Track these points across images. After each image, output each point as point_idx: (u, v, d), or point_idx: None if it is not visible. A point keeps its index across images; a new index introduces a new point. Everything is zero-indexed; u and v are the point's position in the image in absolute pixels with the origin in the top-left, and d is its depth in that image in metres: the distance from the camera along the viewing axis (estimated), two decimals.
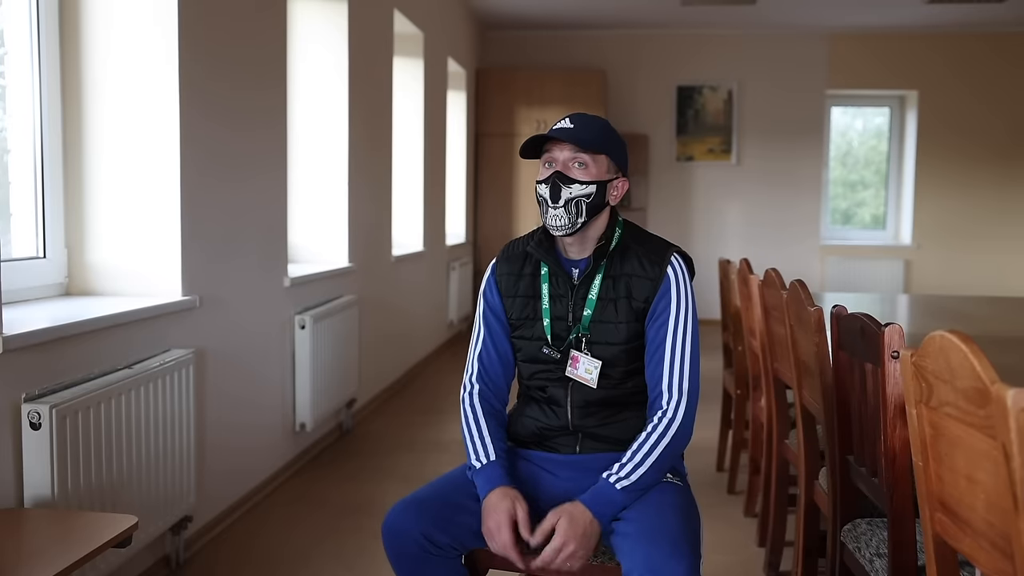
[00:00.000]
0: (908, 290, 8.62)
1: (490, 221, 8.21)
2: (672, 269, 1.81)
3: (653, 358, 1.79)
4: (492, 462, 1.79)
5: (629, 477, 1.70)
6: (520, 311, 1.89)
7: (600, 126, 1.81)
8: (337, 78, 4.43)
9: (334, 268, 4.29)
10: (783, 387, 2.77)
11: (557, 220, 1.78)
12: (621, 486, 1.69)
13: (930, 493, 1.32)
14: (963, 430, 1.18)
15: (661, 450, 1.73)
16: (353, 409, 4.62)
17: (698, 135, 8.64)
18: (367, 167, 4.84)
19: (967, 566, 1.59)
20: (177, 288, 2.81)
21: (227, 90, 3.15)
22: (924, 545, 1.36)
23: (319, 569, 2.84)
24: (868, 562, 1.82)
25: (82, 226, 2.77)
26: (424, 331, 6.37)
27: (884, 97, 8.83)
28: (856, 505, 2.02)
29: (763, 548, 2.97)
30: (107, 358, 2.45)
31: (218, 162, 3.08)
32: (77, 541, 1.69)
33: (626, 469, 1.71)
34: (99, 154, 2.75)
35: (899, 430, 1.66)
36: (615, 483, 1.70)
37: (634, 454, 1.73)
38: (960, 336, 1.16)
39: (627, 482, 1.70)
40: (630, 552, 1.59)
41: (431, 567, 1.73)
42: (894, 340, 1.68)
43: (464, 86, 7.64)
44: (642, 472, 1.71)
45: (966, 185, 8.59)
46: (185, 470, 2.73)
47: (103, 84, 2.73)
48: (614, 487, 1.69)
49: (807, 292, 2.22)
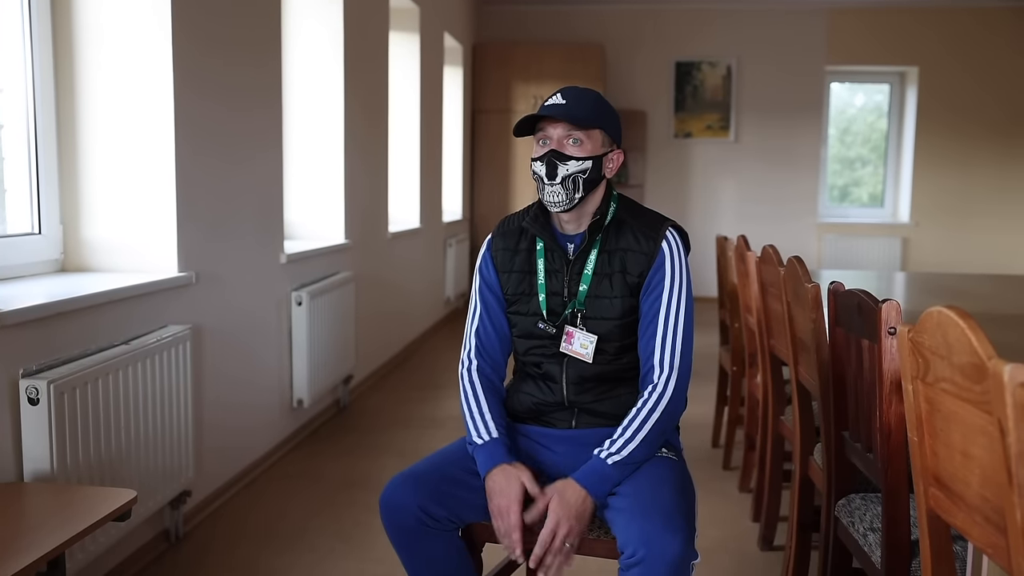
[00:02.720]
0: (906, 268, 8.63)
1: (487, 197, 8.19)
2: (667, 243, 1.81)
3: (646, 332, 1.80)
4: (495, 439, 1.79)
5: (620, 452, 1.71)
6: (516, 286, 1.89)
7: (592, 100, 1.80)
8: (332, 53, 4.40)
9: (330, 245, 4.29)
10: (779, 364, 2.78)
11: (554, 197, 1.78)
12: (612, 461, 1.70)
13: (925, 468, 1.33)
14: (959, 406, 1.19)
15: (652, 424, 1.73)
16: (350, 385, 4.64)
17: (696, 111, 8.60)
18: (363, 143, 4.82)
19: (960, 540, 1.61)
20: (173, 264, 2.81)
21: (221, 65, 3.13)
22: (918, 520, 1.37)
23: (316, 542, 2.86)
24: (862, 536, 1.84)
25: (77, 202, 2.76)
26: (421, 308, 6.38)
27: (884, 73, 8.79)
28: (851, 480, 2.04)
29: (757, 523, 2.99)
30: (104, 334, 2.45)
31: (213, 138, 3.07)
32: (77, 514, 1.70)
33: (617, 444, 1.72)
34: (94, 129, 2.73)
35: (895, 406, 1.67)
36: (606, 458, 1.70)
37: (625, 429, 1.73)
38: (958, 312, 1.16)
39: (618, 457, 1.70)
40: (625, 526, 1.61)
41: (428, 540, 1.74)
42: (891, 316, 1.69)
43: (460, 61, 7.59)
44: (633, 447, 1.71)
45: (965, 163, 8.57)
46: (183, 445, 2.74)
47: (97, 58, 2.71)
48: (605, 463, 1.70)
49: (804, 268, 2.22)
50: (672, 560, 1.52)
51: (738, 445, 3.74)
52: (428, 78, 6.35)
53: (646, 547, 1.54)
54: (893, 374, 1.66)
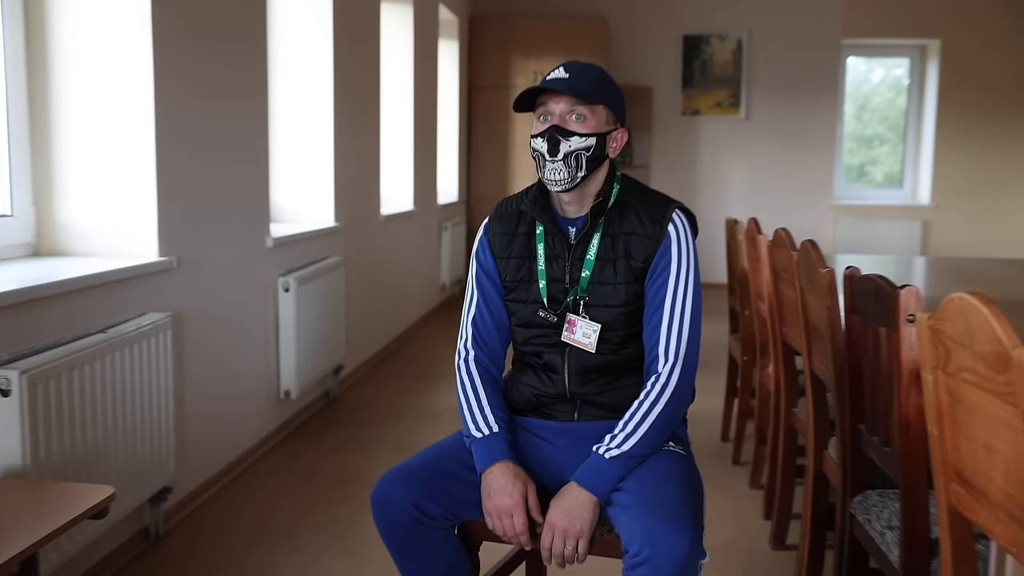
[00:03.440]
0: (926, 252, 8.63)
1: (484, 179, 8.17)
2: (673, 226, 1.80)
3: (651, 320, 1.79)
4: (495, 434, 1.79)
5: (621, 447, 1.70)
6: (514, 273, 1.88)
7: (597, 74, 1.79)
8: (321, 26, 4.38)
9: (319, 228, 4.28)
10: (792, 353, 2.78)
11: (555, 174, 1.77)
12: (611, 455, 1.69)
13: (945, 463, 1.33)
14: (982, 397, 1.18)
15: (655, 417, 1.73)
16: (340, 376, 4.64)
17: (705, 88, 8.58)
18: (354, 121, 4.80)
19: (982, 538, 1.61)
20: (153, 248, 2.80)
21: (203, 40, 3.11)
22: (938, 517, 1.37)
23: (308, 542, 2.87)
24: (879, 535, 1.84)
25: (51, 182, 2.75)
26: (415, 294, 6.38)
27: (904, 47, 8.76)
28: (867, 476, 2.04)
29: (769, 521, 3.00)
30: (80, 322, 2.45)
31: (196, 115, 3.05)
32: (51, 512, 1.70)
33: (617, 439, 1.71)
34: (69, 106, 2.72)
35: (914, 397, 1.67)
36: (604, 453, 1.70)
37: (627, 422, 1.73)
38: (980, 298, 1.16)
39: (617, 451, 1.70)
40: (629, 524, 1.60)
41: (423, 538, 1.74)
42: (910, 303, 1.68)
43: (456, 35, 7.56)
44: (635, 440, 1.71)
45: (989, 141, 8.56)
46: (164, 439, 2.74)
47: (71, 30, 2.69)
48: (603, 458, 1.70)
49: (819, 253, 2.22)
50: (679, 560, 1.52)
51: (748, 439, 3.74)
52: (422, 52, 6.32)
53: (652, 546, 1.53)
54: (912, 364, 1.66)
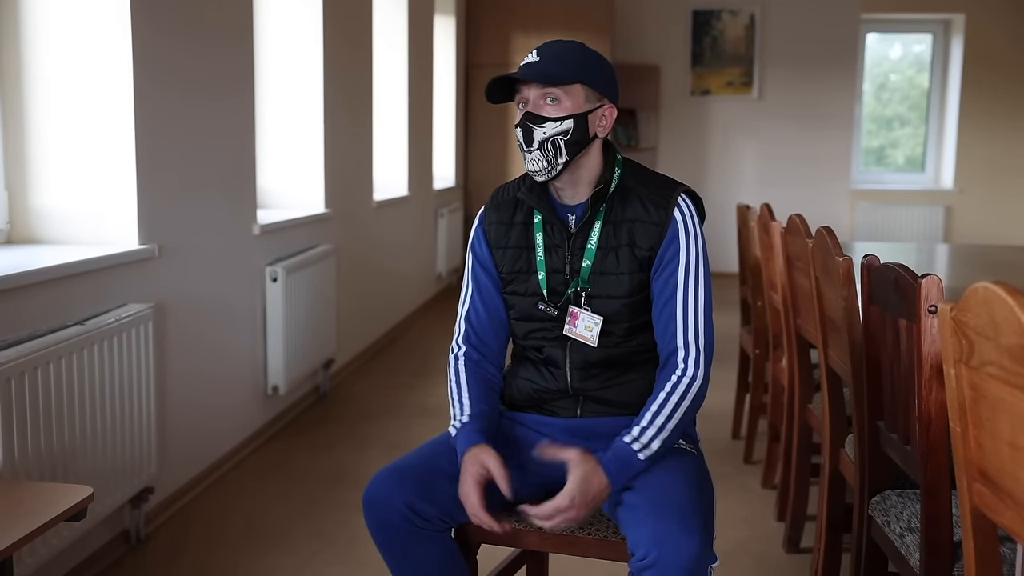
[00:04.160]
0: (948, 239, 8.63)
1: (482, 163, 8.16)
2: (679, 211, 1.80)
3: (664, 312, 1.79)
4: (465, 424, 1.80)
5: (650, 446, 1.69)
6: (512, 264, 1.88)
7: (572, 52, 1.77)
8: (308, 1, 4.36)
9: (309, 214, 4.28)
10: (807, 346, 2.78)
11: (534, 164, 1.77)
12: (644, 456, 1.68)
13: (968, 462, 1.33)
14: (1008, 392, 1.18)
15: (682, 413, 1.73)
16: (331, 371, 4.64)
17: (716, 66, 8.56)
18: (345, 102, 4.79)
19: (1007, 541, 1.61)
20: (133, 236, 2.79)
21: (187, 16, 3.10)
22: (960, 519, 1.37)
23: (298, 545, 2.87)
24: (898, 537, 1.84)
25: (24, 165, 2.74)
26: (410, 285, 6.38)
27: (926, 22, 8.74)
28: (886, 475, 2.04)
29: (782, 522, 3.00)
30: (56, 313, 2.44)
31: (177, 95, 3.05)
32: (26, 514, 1.70)
33: (648, 435, 1.70)
34: (42, 86, 2.71)
35: (935, 392, 1.67)
36: (638, 451, 1.68)
37: (655, 416, 1.72)
38: (1006, 288, 1.15)
39: (649, 452, 1.69)
40: (636, 526, 1.60)
41: (417, 542, 1.74)
42: (932, 293, 1.68)
43: (453, 10, 7.54)
44: (664, 438, 1.70)
45: (1016, 123, 8.54)
46: (145, 437, 2.75)
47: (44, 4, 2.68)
48: (637, 455, 1.68)
49: (835, 240, 2.21)
50: (688, 563, 1.52)
51: (761, 436, 3.75)
52: (417, 28, 6.30)
53: (659, 549, 1.54)
54: (933, 357, 1.66)
